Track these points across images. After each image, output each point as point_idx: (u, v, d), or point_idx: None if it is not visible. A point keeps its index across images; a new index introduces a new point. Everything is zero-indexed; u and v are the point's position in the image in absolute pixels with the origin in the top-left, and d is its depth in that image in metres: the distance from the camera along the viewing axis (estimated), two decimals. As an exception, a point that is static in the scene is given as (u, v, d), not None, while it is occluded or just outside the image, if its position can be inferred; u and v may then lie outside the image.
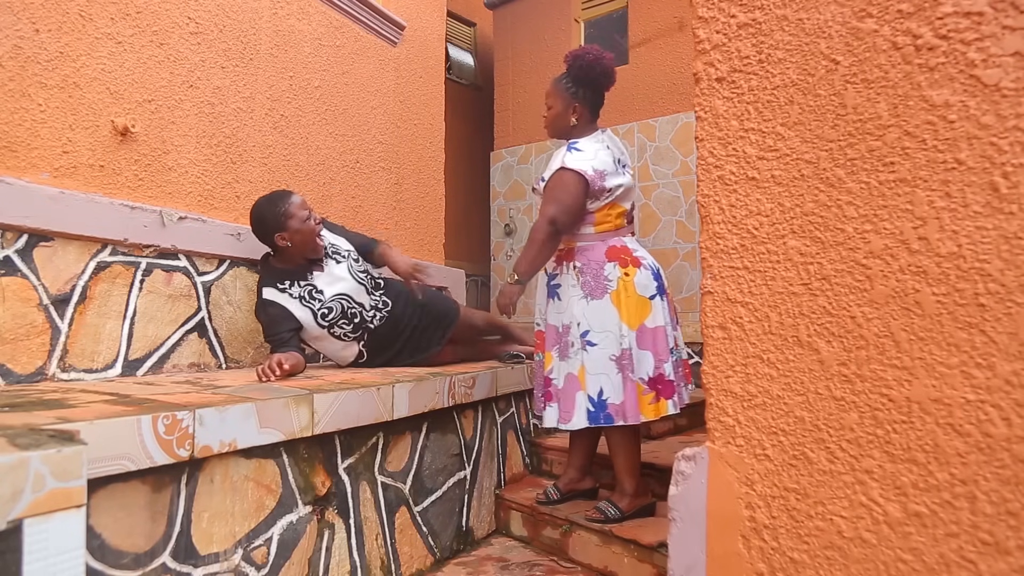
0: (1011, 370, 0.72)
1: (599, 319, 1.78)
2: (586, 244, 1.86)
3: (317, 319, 2.13)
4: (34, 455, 0.87)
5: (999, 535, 0.72)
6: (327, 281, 2.19)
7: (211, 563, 1.29)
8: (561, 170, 1.81)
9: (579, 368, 1.78)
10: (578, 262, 1.84)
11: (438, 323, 2.43)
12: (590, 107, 1.91)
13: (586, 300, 1.80)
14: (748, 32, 0.95)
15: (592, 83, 1.89)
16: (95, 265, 1.85)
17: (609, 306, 1.78)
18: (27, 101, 1.75)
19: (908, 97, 0.80)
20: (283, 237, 2.10)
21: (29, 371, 1.68)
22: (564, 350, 1.83)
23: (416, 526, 1.86)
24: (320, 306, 2.13)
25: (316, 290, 2.15)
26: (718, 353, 0.97)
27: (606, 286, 1.79)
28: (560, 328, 1.85)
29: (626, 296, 1.78)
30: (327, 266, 2.22)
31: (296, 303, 2.11)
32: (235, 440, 1.31)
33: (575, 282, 1.83)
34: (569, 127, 1.91)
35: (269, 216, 2.10)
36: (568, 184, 1.79)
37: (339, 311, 2.16)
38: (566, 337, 1.83)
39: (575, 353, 1.80)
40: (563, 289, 1.87)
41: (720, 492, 0.96)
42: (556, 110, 1.92)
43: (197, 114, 2.23)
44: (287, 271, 2.15)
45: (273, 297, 2.10)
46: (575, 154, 1.82)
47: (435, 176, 3.62)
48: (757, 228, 0.94)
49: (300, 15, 2.70)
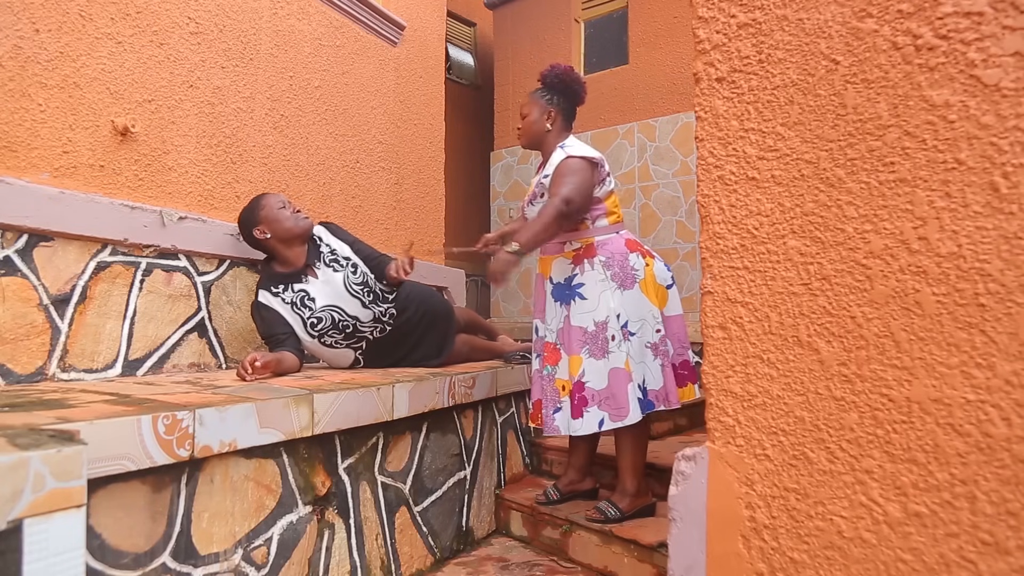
0: (1011, 370, 0.72)
1: (634, 308, 1.80)
2: (605, 238, 1.87)
3: (306, 327, 2.11)
4: (34, 455, 0.87)
5: (999, 535, 0.72)
6: (320, 289, 2.16)
7: (211, 563, 1.29)
8: (567, 159, 1.83)
9: (625, 360, 1.76)
10: (602, 256, 1.84)
11: (443, 334, 2.42)
12: (564, 114, 1.95)
13: (620, 291, 1.81)
14: (748, 32, 0.95)
15: (566, 90, 1.95)
16: (95, 265, 1.85)
17: (640, 294, 1.81)
18: (27, 101, 1.75)
19: (908, 97, 0.80)
20: (260, 230, 2.11)
21: (29, 371, 1.68)
22: (600, 347, 1.79)
23: (416, 526, 1.86)
24: (310, 315, 2.11)
25: (308, 297, 2.13)
26: (718, 353, 0.97)
27: (634, 276, 1.82)
28: (591, 327, 1.81)
29: (653, 285, 1.83)
30: (322, 273, 2.18)
31: (287, 308, 2.10)
32: (235, 440, 1.31)
33: (603, 276, 1.82)
34: (544, 132, 1.94)
35: (244, 216, 2.15)
36: (577, 168, 1.81)
37: (329, 322, 2.14)
38: (603, 333, 1.79)
39: (617, 346, 1.77)
40: (588, 287, 1.83)
41: (720, 492, 0.96)
42: (531, 117, 1.96)
43: (197, 114, 2.23)
44: (282, 275, 2.15)
45: (266, 300, 2.10)
46: (572, 147, 1.86)
47: (435, 176, 3.62)
48: (757, 228, 0.94)
49: (300, 15, 2.70)
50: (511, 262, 1.74)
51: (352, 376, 1.98)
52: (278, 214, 2.12)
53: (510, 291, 4.54)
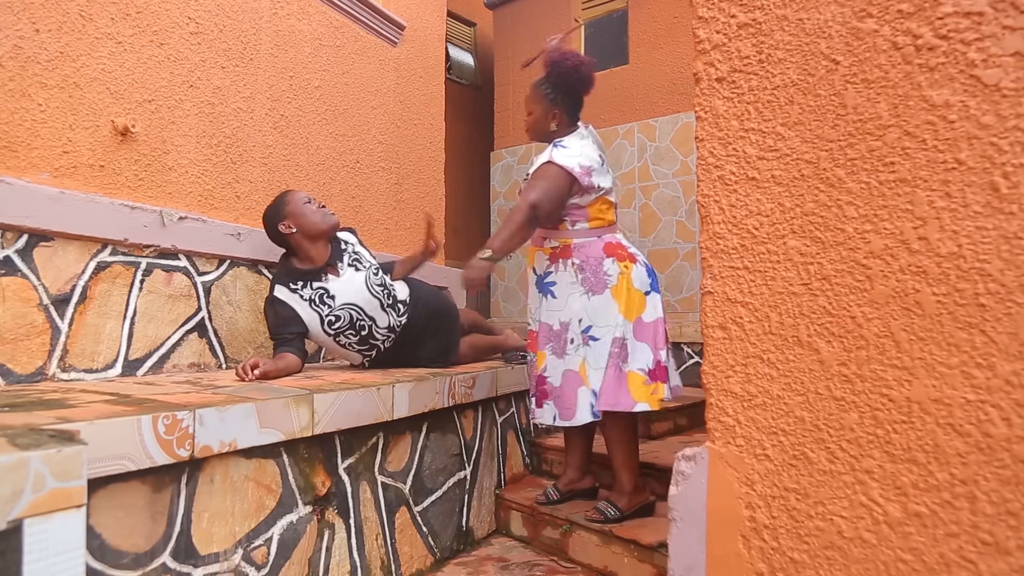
0: (1011, 370, 0.72)
1: (601, 314, 1.79)
2: (583, 241, 1.87)
3: (324, 325, 2.09)
4: (34, 455, 0.87)
5: (999, 535, 0.72)
6: (340, 287, 2.13)
7: (211, 563, 1.29)
8: (548, 163, 1.83)
9: (579, 364, 1.79)
10: (576, 259, 1.85)
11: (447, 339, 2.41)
12: (568, 112, 1.95)
13: (587, 296, 1.81)
14: (748, 32, 0.95)
15: (570, 89, 1.93)
16: (95, 265, 1.85)
17: (610, 300, 1.80)
18: (27, 101, 1.75)
19: (908, 97, 0.80)
20: (286, 224, 2.11)
21: (29, 371, 1.68)
22: (561, 347, 1.83)
23: (416, 526, 1.86)
24: (328, 312, 2.09)
25: (328, 294, 2.11)
26: (718, 353, 0.97)
27: (606, 281, 1.81)
28: (556, 325, 1.85)
29: (626, 291, 1.81)
30: (344, 271, 2.17)
31: (305, 305, 2.08)
32: (235, 440, 1.31)
33: (574, 279, 1.84)
34: (549, 132, 1.95)
35: (270, 212, 2.14)
36: (552, 175, 1.81)
37: (347, 320, 2.12)
38: (564, 334, 1.83)
39: (575, 349, 1.80)
40: (559, 287, 1.86)
41: (720, 492, 0.96)
42: (536, 115, 1.96)
43: (197, 114, 2.23)
44: (302, 272, 2.13)
45: (283, 296, 2.08)
46: (561, 151, 1.85)
47: (435, 176, 3.62)
48: (757, 228, 0.94)
49: (300, 15, 2.70)
50: (485, 268, 1.79)
51: (352, 376, 1.98)
52: (304, 209, 2.12)
53: (510, 291, 4.54)
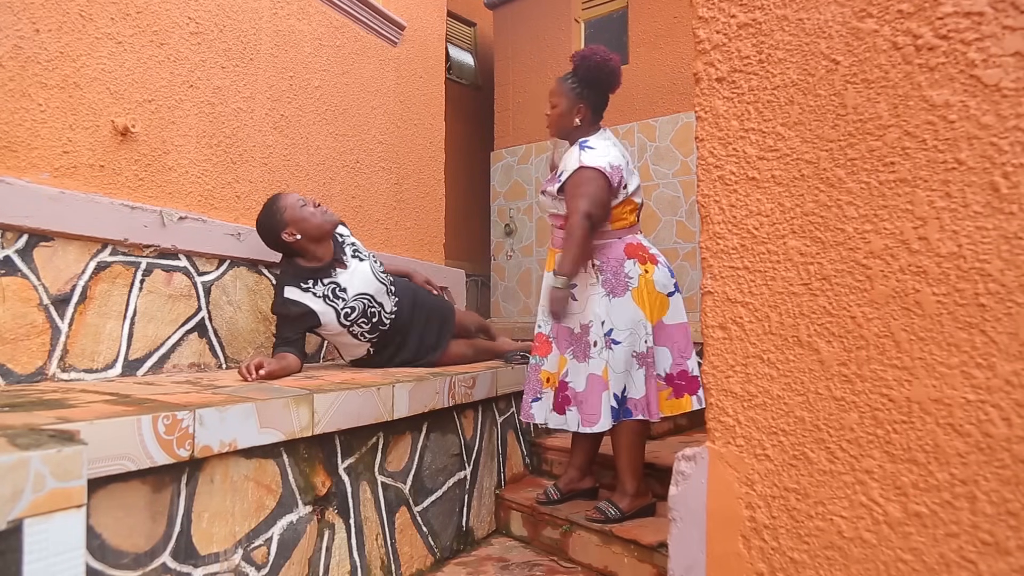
0: (1011, 370, 0.72)
1: (622, 316, 1.78)
2: (604, 242, 1.85)
3: (340, 318, 2.12)
4: (34, 455, 0.87)
5: (999, 535, 0.72)
6: (350, 279, 2.17)
7: (211, 563, 1.29)
8: (581, 168, 1.80)
9: (603, 368, 1.77)
10: (597, 260, 1.84)
11: (439, 325, 2.45)
12: (594, 109, 1.91)
13: (608, 298, 1.80)
14: (748, 32, 0.95)
15: (598, 85, 1.89)
16: (95, 265, 1.85)
17: (631, 303, 1.79)
18: (27, 101, 1.75)
19: (908, 97, 0.80)
20: (289, 232, 2.08)
21: (29, 371, 1.68)
22: (583, 351, 1.81)
23: (416, 526, 1.86)
24: (344, 305, 2.12)
25: (340, 288, 2.13)
26: (718, 353, 0.97)
27: (627, 283, 1.80)
28: (577, 329, 1.83)
29: (647, 293, 1.79)
30: (350, 264, 2.21)
31: (320, 302, 2.09)
32: (235, 440, 1.31)
33: (595, 280, 1.82)
34: (572, 127, 1.91)
35: (267, 221, 2.11)
36: (590, 179, 1.79)
37: (360, 310, 2.15)
38: (585, 337, 1.81)
39: (598, 353, 1.78)
40: (579, 289, 1.85)
41: (720, 492, 0.96)
42: (560, 109, 1.91)
43: (197, 114, 2.23)
44: (310, 270, 2.13)
45: (296, 296, 2.07)
46: (589, 152, 1.82)
47: (435, 176, 3.62)
48: (757, 228, 0.94)
49: (300, 15, 2.70)
50: (566, 296, 1.82)
51: (352, 376, 1.98)
52: (303, 213, 2.09)
53: (510, 291, 4.54)
